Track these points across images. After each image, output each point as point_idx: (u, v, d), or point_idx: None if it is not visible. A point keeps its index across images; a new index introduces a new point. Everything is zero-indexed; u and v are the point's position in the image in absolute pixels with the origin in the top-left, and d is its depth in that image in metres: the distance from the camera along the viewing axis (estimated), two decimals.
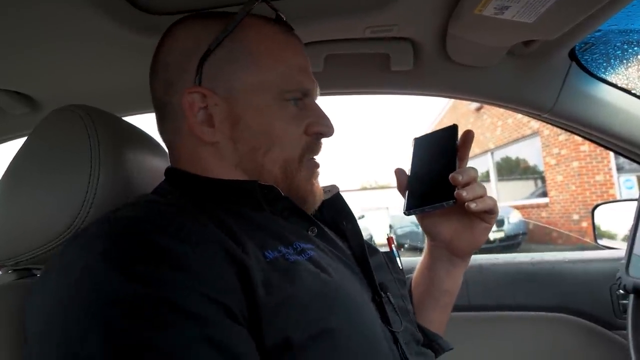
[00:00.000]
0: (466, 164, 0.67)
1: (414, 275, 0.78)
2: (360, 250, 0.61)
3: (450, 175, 0.60)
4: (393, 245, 0.74)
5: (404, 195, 0.67)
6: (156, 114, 0.60)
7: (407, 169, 0.70)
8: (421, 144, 0.73)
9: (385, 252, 0.71)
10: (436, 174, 0.64)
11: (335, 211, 0.66)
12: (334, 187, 0.68)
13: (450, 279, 0.72)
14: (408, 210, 0.64)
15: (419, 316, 0.72)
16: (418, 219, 0.70)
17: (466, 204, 0.59)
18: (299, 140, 0.56)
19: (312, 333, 0.42)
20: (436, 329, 0.72)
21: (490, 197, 0.62)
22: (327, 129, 0.59)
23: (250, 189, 0.53)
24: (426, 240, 0.74)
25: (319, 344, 0.42)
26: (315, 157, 0.60)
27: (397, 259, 0.73)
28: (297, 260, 0.47)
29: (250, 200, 0.54)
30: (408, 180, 0.68)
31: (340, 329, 0.44)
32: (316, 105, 0.60)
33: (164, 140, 0.60)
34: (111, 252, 0.38)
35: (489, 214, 0.64)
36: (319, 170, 0.61)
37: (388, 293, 0.59)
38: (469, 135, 0.66)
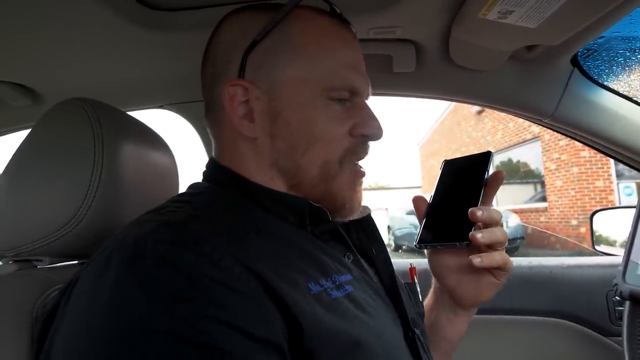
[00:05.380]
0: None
1: None
2: (390, 282, 0.58)
3: (469, 210, 0.55)
4: (415, 277, 0.71)
5: (421, 224, 0.63)
6: (205, 106, 0.58)
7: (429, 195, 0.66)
8: (450, 168, 0.67)
9: (407, 283, 0.68)
10: (457, 208, 0.59)
11: (364, 234, 0.61)
12: (365, 207, 0.61)
13: (452, 326, 0.67)
14: (419, 244, 0.60)
15: None
16: (427, 254, 0.65)
17: (470, 257, 0.55)
18: (341, 141, 0.53)
19: None
20: None
21: (501, 253, 0.56)
22: (374, 131, 0.55)
23: (300, 207, 0.51)
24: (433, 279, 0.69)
25: None
26: (359, 162, 0.56)
27: (418, 291, 0.69)
28: (338, 298, 0.45)
29: (294, 217, 0.51)
30: (427, 209, 0.64)
31: None
32: (366, 105, 0.56)
33: (209, 132, 0.59)
34: (147, 284, 0.36)
35: (500, 270, 0.58)
36: (363, 179, 0.57)
37: (418, 330, 0.56)
38: (498, 175, 0.61)
